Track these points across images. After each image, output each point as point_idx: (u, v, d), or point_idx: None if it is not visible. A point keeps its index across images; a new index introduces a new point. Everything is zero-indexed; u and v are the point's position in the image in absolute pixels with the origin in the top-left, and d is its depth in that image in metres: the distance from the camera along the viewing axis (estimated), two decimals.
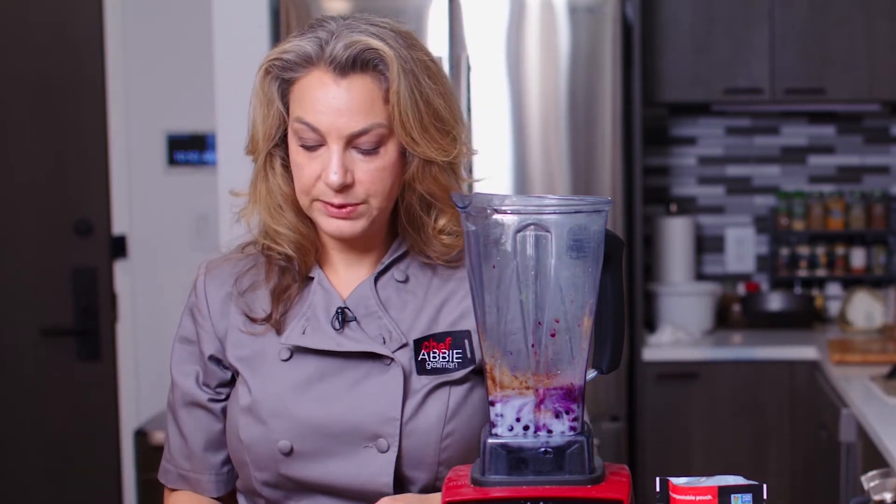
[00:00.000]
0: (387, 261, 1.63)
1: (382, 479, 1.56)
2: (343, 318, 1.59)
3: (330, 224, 1.57)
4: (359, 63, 1.52)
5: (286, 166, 1.60)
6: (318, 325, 1.59)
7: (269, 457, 1.58)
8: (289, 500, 1.60)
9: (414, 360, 1.58)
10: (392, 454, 1.55)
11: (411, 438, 1.56)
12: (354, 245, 1.63)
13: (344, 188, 1.53)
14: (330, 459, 1.57)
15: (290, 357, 1.59)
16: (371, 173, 1.54)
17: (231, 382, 1.65)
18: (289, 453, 1.57)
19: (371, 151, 1.54)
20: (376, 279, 1.62)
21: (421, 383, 1.58)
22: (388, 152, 1.55)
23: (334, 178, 1.52)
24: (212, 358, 1.64)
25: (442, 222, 1.62)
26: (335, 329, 1.58)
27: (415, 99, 1.53)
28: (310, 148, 1.54)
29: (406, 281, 1.63)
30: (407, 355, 1.58)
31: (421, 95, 1.53)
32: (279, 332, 1.60)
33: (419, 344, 1.59)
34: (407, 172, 1.57)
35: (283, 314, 1.61)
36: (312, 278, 1.62)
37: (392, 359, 1.57)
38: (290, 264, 1.63)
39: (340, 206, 1.55)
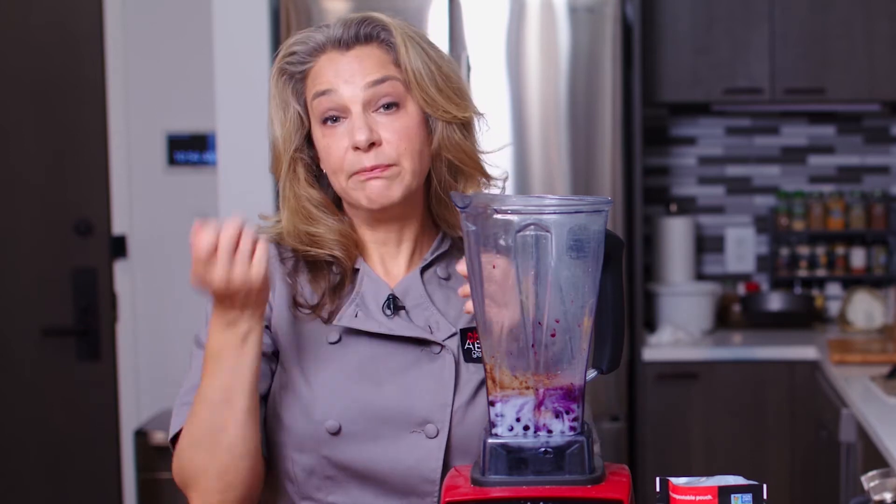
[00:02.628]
0: (429, 257, 1.66)
1: (430, 465, 1.56)
2: (394, 305, 1.60)
3: (365, 190, 1.58)
4: (362, 36, 1.60)
5: (311, 172, 1.63)
6: (368, 312, 1.60)
7: (312, 437, 1.57)
8: (320, 490, 1.58)
9: (461, 348, 1.60)
10: (441, 440, 1.56)
11: (462, 426, 1.57)
12: (389, 238, 1.65)
13: (372, 147, 1.56)
14: (376, 442, 1.56)
15: (339, 340, 1.59)
16: (397, 132, 1.58)
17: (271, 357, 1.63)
18: (336, 433, 1.56)
19: (392, 107, 1.58)
20: (422, 273, 1.64)
21: (470, 372, 1.59)
22: (409, 113, 1.60)
23: (360, 136, 1.56)
24: (267, 328, 1.61)
25: (471, 191, 1.64)
26: (386, 315, 1.60)
27: (424, 60, 1.60)
28: (334, 122, 1.58)
29: (448, 279, 1.66)
30: (455, 344, 1.60)
31: (428, 57, 1.61)
32: (327, 321, 1.60)
33: (465, 333, 1.61)
34: (434, 141, 1.62)
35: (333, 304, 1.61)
36: (357, 270, 1.64)
37: (442, 346, 1.58)
38: (334, 260, 1.63)
39: (373, 168, 1.57)
